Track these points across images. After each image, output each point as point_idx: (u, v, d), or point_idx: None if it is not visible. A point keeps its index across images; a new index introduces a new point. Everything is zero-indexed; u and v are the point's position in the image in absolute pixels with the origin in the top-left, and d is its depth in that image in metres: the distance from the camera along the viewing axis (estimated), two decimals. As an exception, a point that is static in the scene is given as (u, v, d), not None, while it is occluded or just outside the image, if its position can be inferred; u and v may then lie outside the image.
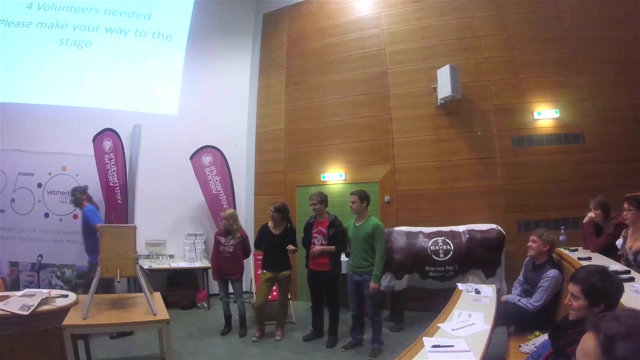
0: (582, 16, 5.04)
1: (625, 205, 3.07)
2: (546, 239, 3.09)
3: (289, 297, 4.47)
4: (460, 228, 4.62)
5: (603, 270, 1.76)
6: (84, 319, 2.74)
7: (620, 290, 1.70)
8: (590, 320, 1.11)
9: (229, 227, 4.40)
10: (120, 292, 4.31)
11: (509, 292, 3.53)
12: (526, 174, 4.91)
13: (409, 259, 4.47)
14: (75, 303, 2.96)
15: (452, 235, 4.55)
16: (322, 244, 4.06)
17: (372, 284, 3.68)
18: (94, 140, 5.37)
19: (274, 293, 4.56)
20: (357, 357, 3.75)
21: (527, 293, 3.13)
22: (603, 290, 1.65)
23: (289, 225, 4.32)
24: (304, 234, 4.24)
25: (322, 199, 4.14)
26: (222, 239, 4.45)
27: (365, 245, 3.79)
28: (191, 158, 5.90)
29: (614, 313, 1.07)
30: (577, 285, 1.72)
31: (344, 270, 4.36)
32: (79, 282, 5.35)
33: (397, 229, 4.71)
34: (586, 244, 3.61)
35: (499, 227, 4.55)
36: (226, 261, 4.40)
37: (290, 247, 4.13)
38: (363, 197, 3.86)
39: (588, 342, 0.99)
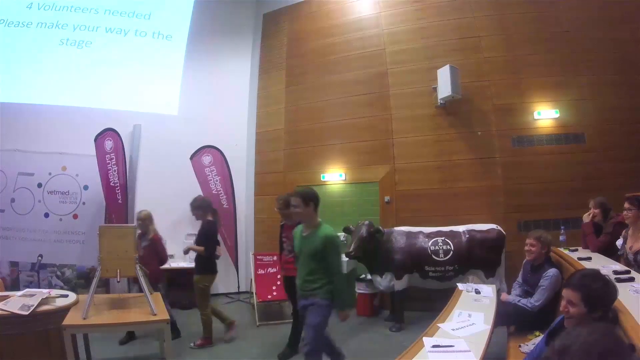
0: (582, 16, 5.03)
1: (626, 205, 3.06)
2: (544, 241, 3.08)
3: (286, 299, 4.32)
4: (460, 228, 4.62)
5: (600, 275, 1.70)
6: (84, 319, 2.74)
7: (616, 294, 1.65)
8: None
9: (143, 229, 4.11)
10: (120, 292, 4.31)
11: (509, 292, 3.52)
12: (526, 174, 4.91)
13: (409, 259, 4.47)
14: (76, 303, 2.96)
15: (452, 235, 4.55)
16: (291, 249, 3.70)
17: (341, 313, 2.80)
18: (95, 140, 5.38)
19: (274, 293, 4.54)
20: None
21: (527, 294, 3.12)
22: (604, 296, 1.59)
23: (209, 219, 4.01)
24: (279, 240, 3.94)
25: (288, 203, 3.80)
26: (139, 241, 3.93)
27: (312, 263, 2.76)
28: (191, 158, 5.90)
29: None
30: (576, 292, 1.63)
31: None
32: (79, 282, 5.35)
33: (397, 229, 4.71)
34: (586, 244, 3.61)
35: (499, 227, 4.54)
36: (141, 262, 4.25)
37: (185, 247, 3.97)
38: (307, 198, 2.77)
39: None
